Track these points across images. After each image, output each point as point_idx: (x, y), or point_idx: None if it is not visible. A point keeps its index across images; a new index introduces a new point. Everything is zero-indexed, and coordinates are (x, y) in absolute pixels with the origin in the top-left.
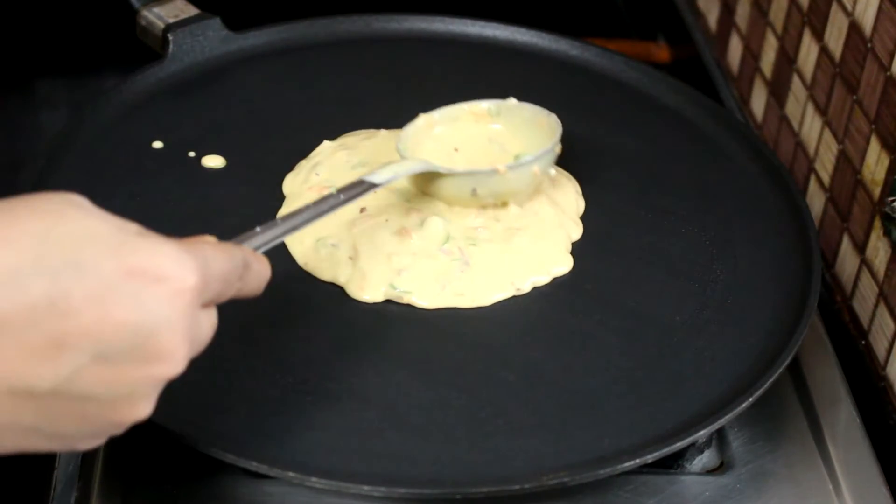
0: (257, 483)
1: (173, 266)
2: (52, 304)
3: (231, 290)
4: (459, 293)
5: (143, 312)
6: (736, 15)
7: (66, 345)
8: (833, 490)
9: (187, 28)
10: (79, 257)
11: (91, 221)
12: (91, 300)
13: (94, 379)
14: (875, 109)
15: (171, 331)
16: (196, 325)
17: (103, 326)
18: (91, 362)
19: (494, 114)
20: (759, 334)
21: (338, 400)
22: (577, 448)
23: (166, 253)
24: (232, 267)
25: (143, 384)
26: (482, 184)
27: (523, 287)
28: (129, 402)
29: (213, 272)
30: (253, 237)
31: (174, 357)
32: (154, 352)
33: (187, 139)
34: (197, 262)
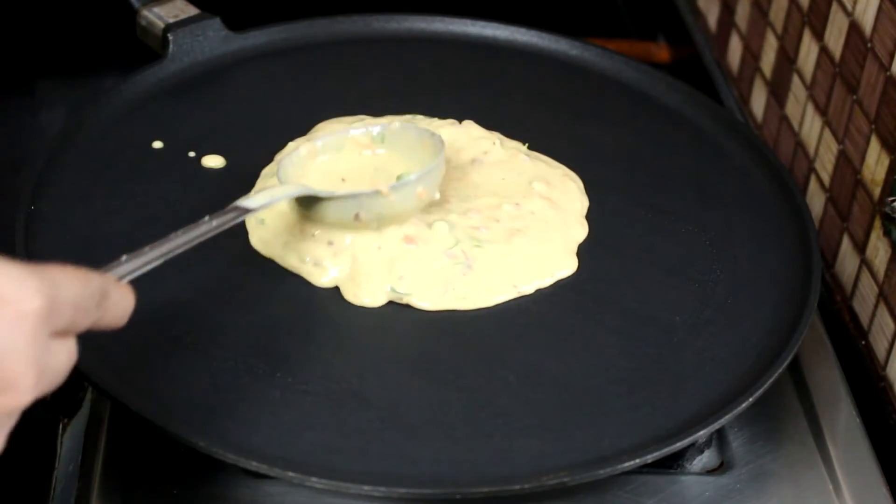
0: (257, 483)
1: (15, 288)
2: None
3: (88, 319)
4: (462, 297)
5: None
6: (736, 15)
7: None
8: (833, 490)
9: (187, 28)
10: None
11: None
12: None
13: None
14: (875, 109)
15: (15, 358)
16: (45, 352)
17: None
18: None
19: (378, 140)
20: (759, 334)
21: (338, 400)
22: (577, 448)
23: (7, 274)
24: (86, 293)
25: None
26: (365, 207)
27: (527, 290)
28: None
29: (63, 297)
30: (118, 266)
31: (18, 385)
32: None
33: (187, 139)
34: (43, 284)
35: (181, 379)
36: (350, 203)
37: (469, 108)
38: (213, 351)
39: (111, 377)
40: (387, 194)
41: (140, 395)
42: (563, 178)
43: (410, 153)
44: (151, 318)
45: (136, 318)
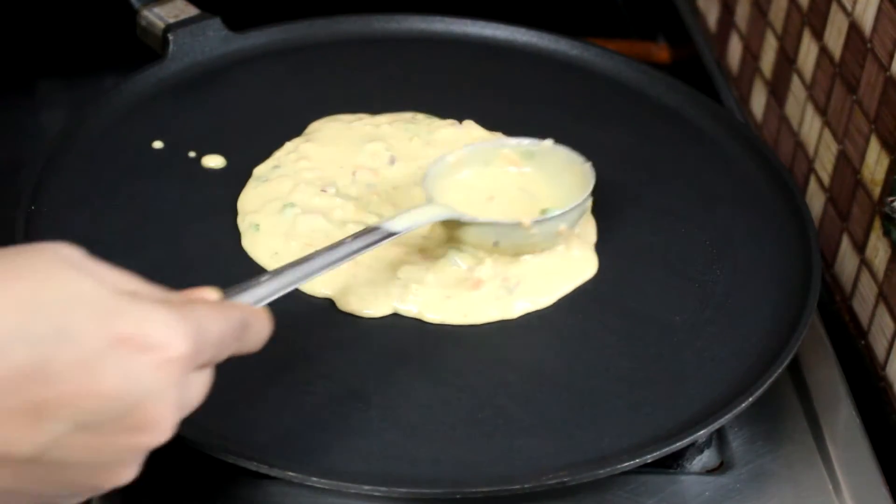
0: (257, 483)
1: (164, 334)
2: (35, 372)
3: (226, 352)
4: (464, 313)
5: (129, 383)
6: (736, 15)
7: (46, 413)
8: (833, 490)
9: (187, 28)
10: (64, 324)
11: (80, 284)
12: (75, 369)
13: (75, 447)
14: (875, 109)
15: (157, 401)
16: (186, 391)
17: (86, 396)
18: (72, 431)
19: (527, 157)
20: (759, 334)
21: (338, 400)
22: (577, 448)
23: (157, 320)
24: (229, 330)
25: (126, 453)
26: (505, 236)
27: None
28: (112, 469)
29: (208, 338)
30: (256, 287)
31: (160, 427)
32: (139, 422)
33: (187, 139)
34: (190, 328)
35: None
36: (490, 230)
37: (469, 108)
38: None
39: None
40: (528, 227)
41: None
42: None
43: (557, 177)
44: None
45: None
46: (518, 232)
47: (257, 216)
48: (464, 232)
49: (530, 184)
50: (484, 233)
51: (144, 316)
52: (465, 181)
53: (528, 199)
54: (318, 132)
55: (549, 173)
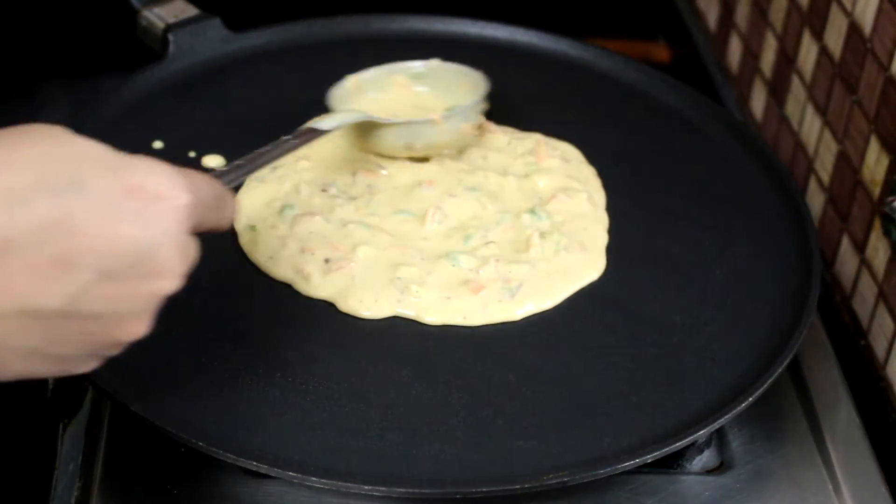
0: (257, 483)
1: (169, 185)
2: (57, 224)
3: (211, 219)
4: (464, 316)
5: (144, 228)
6: (736, 15)
7: (73, 263)
8: (833, 490)
9: (187, 28)
10: (79, 177)
11: (88, 144)
12: (94, 218)
13: (99, 296)
14: (875, 109)
15: (169, 246)
16: (187, 243)
17: (108, 243)
18: (97, 280)
19: (418, 78)
20: (759, 334)
21: (338, 400)
22: (577, 448)
23: (162, 173)
24: (214, 195)
25: (144, 300)
26: (417, 135)
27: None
28: (130, 319)
29: (202, 196)
30: (223, 175)
31: (173, 272)
32: (155, 267)
33: (187, 139)
34: (189, 183)
35: (181, 379)
36: (405, 130)
37: None
38: (213, 351)
39: (111, 377)
40: (440, 122)
41: (140, 395)
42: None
43: (450, 91)
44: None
45: None
46: (430, 129)
47: (255, 217)
48: (378, 137)
49: (427, 101)
50: (398, 134)
51: (150, 169)
52: (366, 104)
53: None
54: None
55: (443, 89)
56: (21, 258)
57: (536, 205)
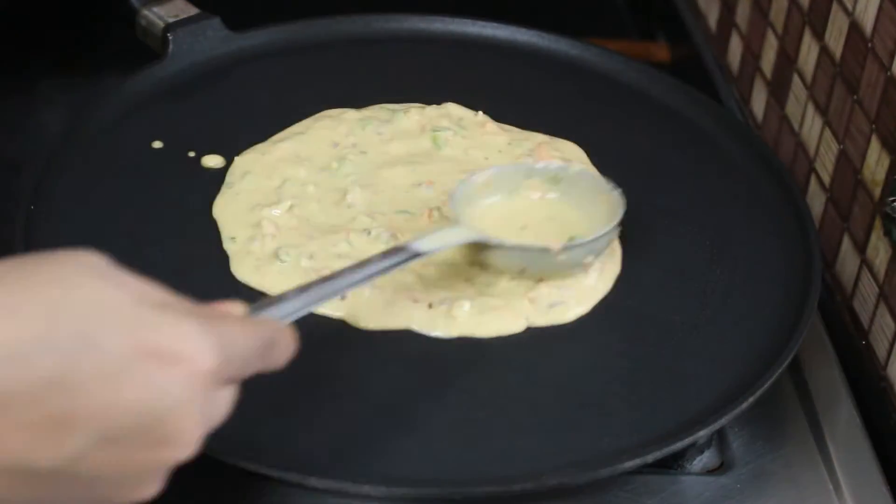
0: (257, 483)
1: (192, 348)
2: (59, 383)
3: (252, 369)
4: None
5: (155, 395)
6: (736, 15)
7: (70, 425)
8: (833, 490)
9: (187, 28)
10: (90, 333)
11: (107, 293)
12: (100, 380)
13: (98, 461)
14: (875, 109)
15: (184, 415)
16: (211, 406)
17: (112, 409)
18: (96, 445)
19: (553, 182)
20: (759, 334)
21: (338, 400)
22: (577, 448)
23: (185, 332)
24: (255, 347)
25: (151, 467)
26: (532, 262)
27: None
28: (136, 484)
29: (235, 353)
30: (281, 303)
31: (186, 441)
32: (165, 436)
33: (187, 139)
34: (218, 343)
35: None
36: (517, 255)
37: (469, 108)
38: None
39: None
40: (556, 253)
41: None
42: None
43: (586, 204)
44: None
45: None
46: (546, 258)
47: (235, 228)
48: (490, 256)
49: (559, 212)
50: (511, 257)
51: (172, 327)
52: (493, 206)
53: (557, 226)
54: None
55: (577, 200)
56: (15, 415)
57: None
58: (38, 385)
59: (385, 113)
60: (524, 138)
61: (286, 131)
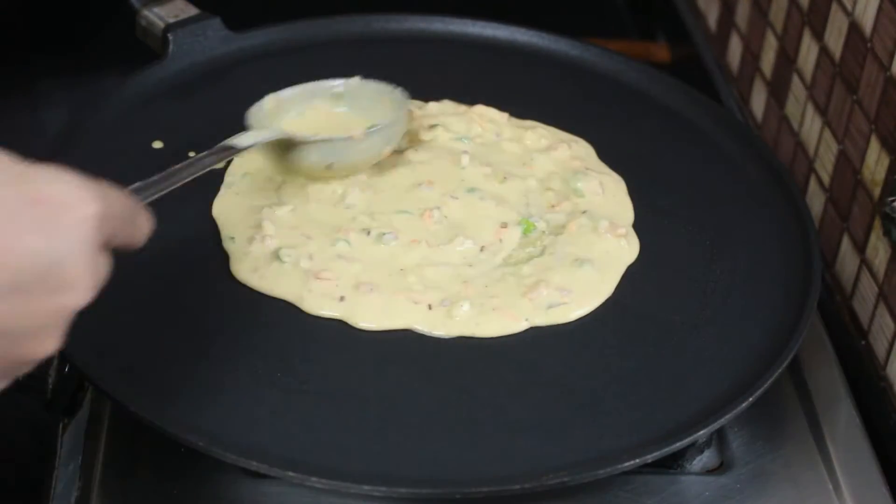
0: (257, 483)
1: (77, 193)
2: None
3: (123, 234)
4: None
5: (50, 239)
6: (736, 15)
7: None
8: (833, 490)
9: (187, 28)
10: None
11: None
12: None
13: (3, 312)
14: (875, 109)
15: (76, 258)
16: (98, 257)
17: (11, 255)
18: (1, 295)
19: (337, 98)
20: (759, 334)
21: (338, 400)
22: (577, 448)
23: (69, 181)
24: (127, 208)
25: (52, 315)
26: (338, 153)
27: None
28: (39, 336)
29: (113, 207)
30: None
31: (81, 285)
32: (62, 280)
33: (187, 139)
34: (99, 192)
35: (181, 379)
36: (325, 148)
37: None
38: (213, 351)
39: (111, 377)
40: (360, 139)
41: (140, 395)
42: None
43: (372, 110)
44: (150, 320)
45: (136, 319)
46: (349, 147)
47: (235, 228)
48: (298, 156)
49: (350, 121)
50: (318, 152)
51: (55, 178)
52: (290, 122)
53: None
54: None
55: (364, 108)
56: None
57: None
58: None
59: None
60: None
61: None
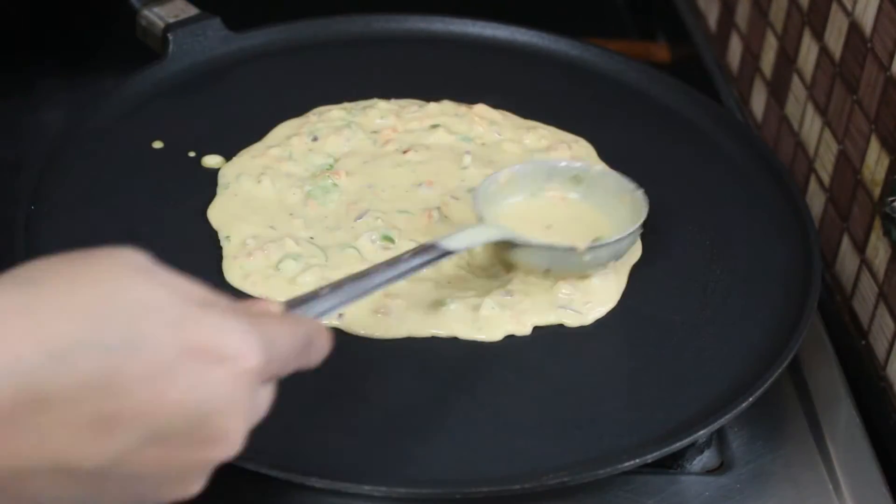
0: (258, 483)
1: (237, 346)
2: (104, 383)
3: (291, 367)
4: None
5: (202, 394)
6: (736, 15)
7: (116, 425)
8: (833, 490)
9: (187, 28)
10: (136, 332)
11: (152, 291)
12: (146, 380)
13: (143, 461)
14: (875, 109)
15: (230, 414)
16: (254, 404)
17: (157, 408)
18: (142, 444)
19: (575, 181)
20: (759, 334)
21: (338, 400)
22: (577, 448)
23: (231, 330)
24: (296, 345)
25: (195, 467)
26: (557, 261)
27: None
28: (179, 483)
29: (277, 351)
30: (316, 300)
31: (231, 440)
32: (210, 435)
33: (187, 139)
34: (261, 341)
35: None
36: (543, 254)
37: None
38: None
39: None
40: (581, 253)
41: None
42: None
43: (609, 204)
44: None
45: None
46: (570, 257)
47: (230, 230)
48: (515, 255)
49: (582, 212)
50: (537, 257)
51: (218, 326)
52: (515, 205)
53: (581, 226)
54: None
55: (599, 200)
56: (61, 415)
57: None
58: (85, 384)
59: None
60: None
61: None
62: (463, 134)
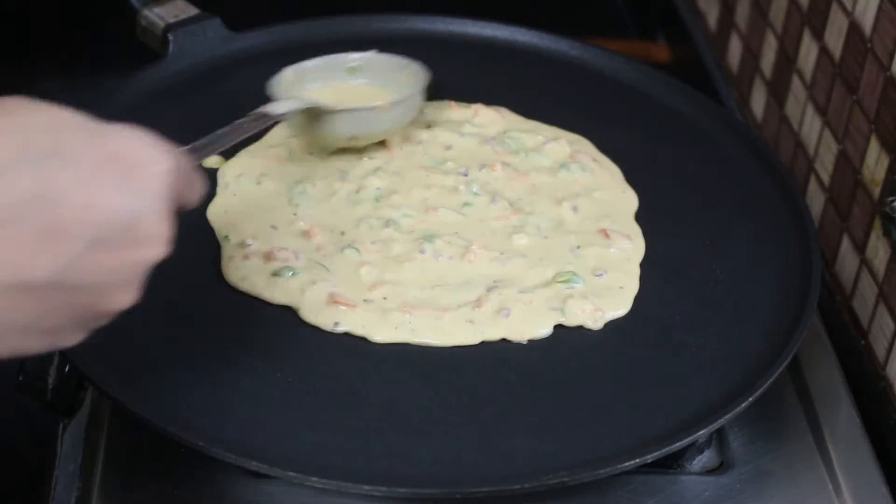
0: (257, 483)
1: (150, 152)
2: (42, 195)
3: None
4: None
5: (129, 195)
6: (736, 15)
7: (60, 234)
8: (833, 490)
9: (187, 28)
10: (61, 146)
11: (63, 112)
12: (79, 187)
13: (88, 266)
14: (875, 109)
15: (154, 213)
16: (171, 211)
17: (93, 212)
18: (85, 249)
19: (357, 70)
20: (759, 334)
21: (338, 400)
22: (577, 448)
23: (142, 138)
24: (189, 169)
25: (131, 268)
26: (362, 124)
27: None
28: (118, 289)
29: (180, 164)
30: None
31: (158, 239)
32: (141, 234)
33: (187, 139)
34: (168, 152)
35: (181, 379)
36: (350, 119)
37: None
38: (212, 351)
39: (111, 377)
40: (385, 110)
41: (140, 395)
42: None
43: (391, 81)
44: (151, 320)
45: (136, 318)
46: (374, 118)
47: (228, 230)
48: (321, 126)
49: (371, 93)
50: (343, 123)
51: (130, 137)
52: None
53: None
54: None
55: (383, 81)
56: (7, 232)
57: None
58: (25, 199)
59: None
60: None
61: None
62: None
